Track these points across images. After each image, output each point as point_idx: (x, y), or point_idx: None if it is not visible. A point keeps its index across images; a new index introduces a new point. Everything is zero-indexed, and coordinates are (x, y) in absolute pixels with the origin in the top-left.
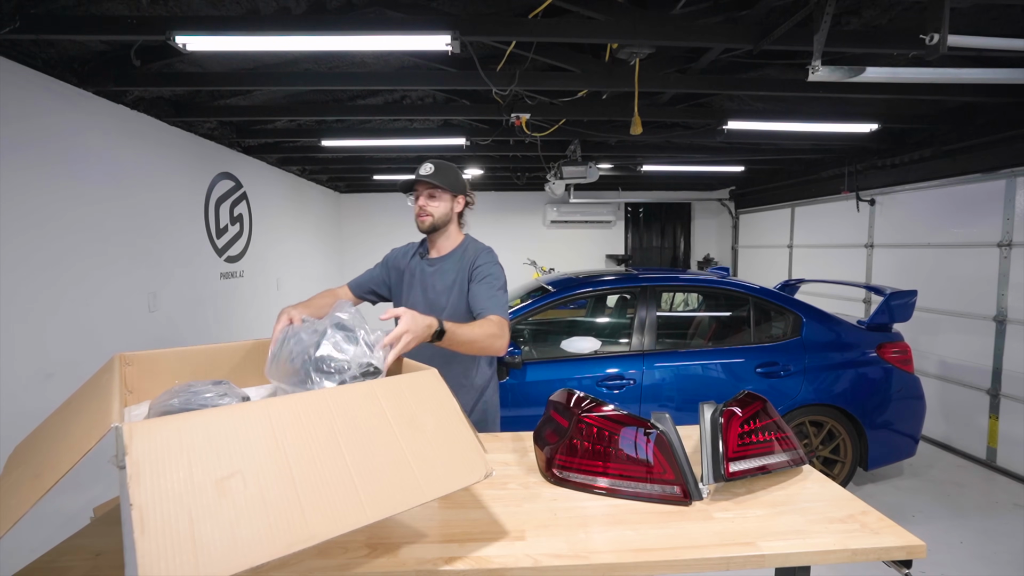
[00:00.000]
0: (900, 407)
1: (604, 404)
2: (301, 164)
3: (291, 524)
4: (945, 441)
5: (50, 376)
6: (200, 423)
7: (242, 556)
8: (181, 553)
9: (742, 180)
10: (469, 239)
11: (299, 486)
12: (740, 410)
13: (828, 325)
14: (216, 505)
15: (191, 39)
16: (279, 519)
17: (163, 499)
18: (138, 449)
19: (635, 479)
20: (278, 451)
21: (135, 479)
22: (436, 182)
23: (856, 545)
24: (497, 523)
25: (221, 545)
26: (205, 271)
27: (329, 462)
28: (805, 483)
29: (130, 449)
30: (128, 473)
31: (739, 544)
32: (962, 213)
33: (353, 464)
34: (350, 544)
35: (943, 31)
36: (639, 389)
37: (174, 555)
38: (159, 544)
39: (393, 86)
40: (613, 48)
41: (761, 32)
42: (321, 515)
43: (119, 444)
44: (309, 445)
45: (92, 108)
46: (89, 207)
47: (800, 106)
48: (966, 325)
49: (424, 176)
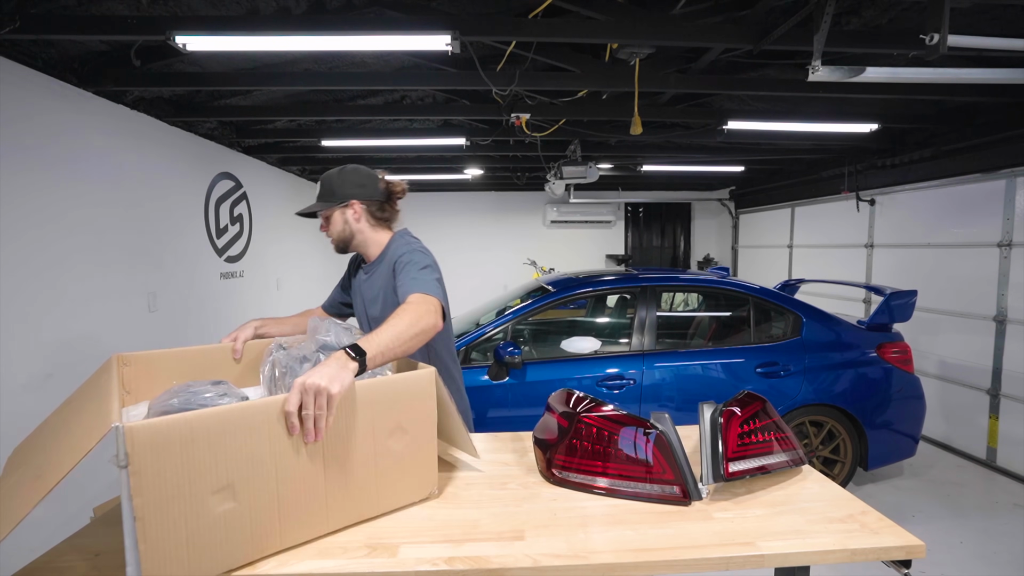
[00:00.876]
0: (900, 407)
1: (604, 404)
2: (301, 164)
3: (269, 533)
4: (945, 441)
5: (50, 376)
6: (200, 425)
7: (227, 558)
8: (178, 554)
9: (742, 180)
10: (396, 236)
11: (281, 502)
12: (740, 410)
13: (828, 325)
14: (210, 513)
15: (191, 39)
16: (260, 528)
17: (163, 501)
18: (139, 450)
19: (635, 479)
20: (270, 463)
21: (137, 479)
22: (314, 209)
23: (856, 545)
24: (496, 523)
25: (211, 548)
26: (205, 271)
27: (310, 480)
28: (805, 483)
29: (131, 450)
30: (130, 472)
31: (738, 544)
32: (962, 213)
33: (328, 482)
34: (349, 544)
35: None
36: (639, 389)
37: (172, 555)
38: (158, 545)
39: (393, 86)
40: (613, 48)
41: (761, 32)
42: (293, 524)
43: (119, 444)
44: (297, 458)
45: (92, 108)
46: (89, 207)
47: (800, 106)
48: (966, 325)
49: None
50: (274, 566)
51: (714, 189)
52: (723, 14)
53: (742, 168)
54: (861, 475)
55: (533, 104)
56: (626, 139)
